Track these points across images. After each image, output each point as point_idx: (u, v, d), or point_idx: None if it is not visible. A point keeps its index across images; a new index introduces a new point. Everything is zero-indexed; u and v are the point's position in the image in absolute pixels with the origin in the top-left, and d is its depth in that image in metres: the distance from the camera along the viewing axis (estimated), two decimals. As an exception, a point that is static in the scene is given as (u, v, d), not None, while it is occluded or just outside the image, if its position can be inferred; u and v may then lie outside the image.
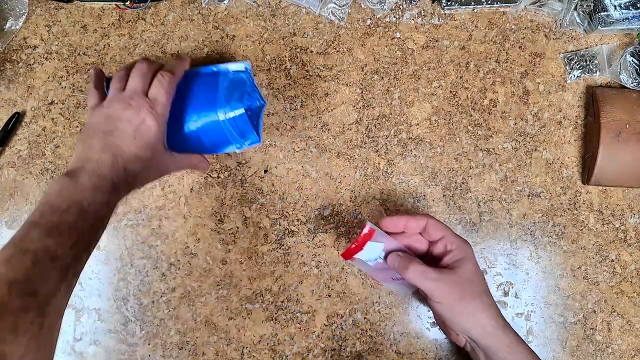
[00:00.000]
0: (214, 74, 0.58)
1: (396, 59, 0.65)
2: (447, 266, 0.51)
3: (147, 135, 0.50)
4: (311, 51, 0.65)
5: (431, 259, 0.54)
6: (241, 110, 0.55)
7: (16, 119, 0.64)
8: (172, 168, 0.55)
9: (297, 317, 0.63)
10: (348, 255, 0.53)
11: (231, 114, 0.55)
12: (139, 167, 0.49)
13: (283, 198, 0.64)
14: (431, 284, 0.49)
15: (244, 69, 0.59)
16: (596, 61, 0.63)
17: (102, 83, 0.55)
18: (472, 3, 0.63)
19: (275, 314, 0.63)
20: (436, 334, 0.62)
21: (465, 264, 0.50)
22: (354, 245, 0.52)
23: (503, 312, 0.62)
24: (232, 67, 0.59)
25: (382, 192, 0.64)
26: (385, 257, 0.53)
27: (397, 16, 0.65)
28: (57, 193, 0.45)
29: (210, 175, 0.64)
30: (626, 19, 0.61)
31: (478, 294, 0.50)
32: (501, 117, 0.64)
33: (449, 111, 0.64)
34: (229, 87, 0.57)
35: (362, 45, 0.65)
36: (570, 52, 0.64)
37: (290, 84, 0.65)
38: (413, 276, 0.49)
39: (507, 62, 0.65)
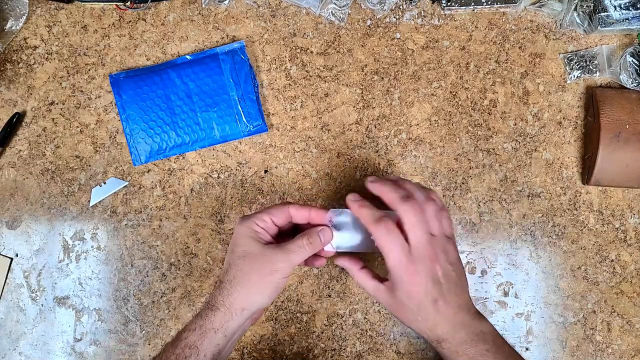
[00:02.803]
0: (214, 57, 0.63)
1: (396, 59, 0.65)
2: (386, 280, 0.50)
3: (232, 239, 0.51)
4: (311, 52, 0.65)
5: None
6: (250, 91, 0.63)
7: (17, 119, 0.64)
8: (277, 258, 0.49)
9: (297, 317, 0.63)
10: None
11: (239, 95, 0.62)
12: (234, 273, 0.49)
13: (283, 198, 0.64)
14: (370, 292, 0.51)
15: (239, 48, 0.64)
16: (596, 61, 0.64)
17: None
18: (472, 3, 0.63)
19: (275, 314, 0.63)
20: (436, 334, 0.62)
21: (396, 290, 0.48)
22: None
23: (503, 312, 0.63)
24: (227, 47, 0.64)
25: (382, 193, 0.64)
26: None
27: (397, 17, 0.65)
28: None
29: (211, 176, 0.64)
30: (626, 19, 0.61)
31: (409, 321, 0.49)
32: (501, 118, 0.64)
33: (449, 111, 0.64)
34: (231, 69, 0.62)
35: (362, 46, 0.65)
36: (570, 52, 0.65)
37: (290, 84, 0.65)
38: (359, 281, 0.52)
39: (507, 63, 0.65)
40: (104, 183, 0.64)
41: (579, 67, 0.64)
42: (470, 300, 0.50)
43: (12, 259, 0.64)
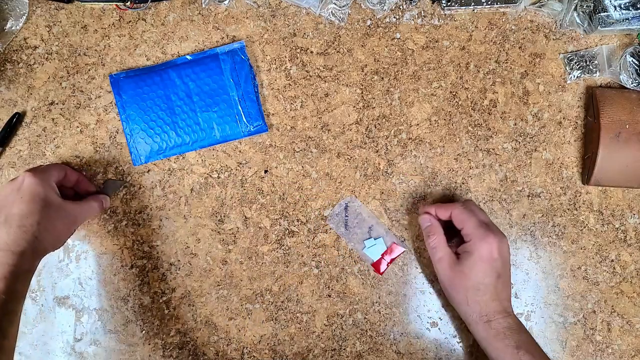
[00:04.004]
0: (214, 57, 0.63)
1: (396, 59, 0.65)
2: (457, 253, 0.56)
3: (30, 189, 0.53)
4: (311, 52, 0.65)
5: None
6: (250, 91, 0.63)
7: (17, 119, 0.64)
8: (75, 215, 0.56)
9: (297, 317, 0.63)
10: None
11: (240, 95, 0.62)
12: (32, 221, 0.51)
13: (283, 198, 0.64)
14: (436, 259, 0.57)
15: (240, 48, 0.63)
16: (596, 61, 0.64)
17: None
18: (472, 3, 0.63)
19: (275, 314, 0.63)
20: (436, 333, 0.62)
21: (467, 258, 0.54)
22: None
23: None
24: (227, 47, 0.64)
25: (382, 193, 0.64)
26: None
27: (397, 17, 0.65)
28: None
29: (211, 176, 0.64)
30: (626, 19, 0.61)
31: (464, 289, 0.54)
32: (501, 118, 0.64)
33: (449, 111, 0.64)
34: (231, 69, 0.62)
35: (362, 46, 0.65)
36: (570, 52, 0.65)
37: (290, 84, 0.65)
38: (429, 244, 0.57)
39: (507, 63, 0.65)
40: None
41: (579, 67, 0.64)
42: None
43: (12, 259, 0.64)
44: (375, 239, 0.62)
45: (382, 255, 0.62)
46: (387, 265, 0.62)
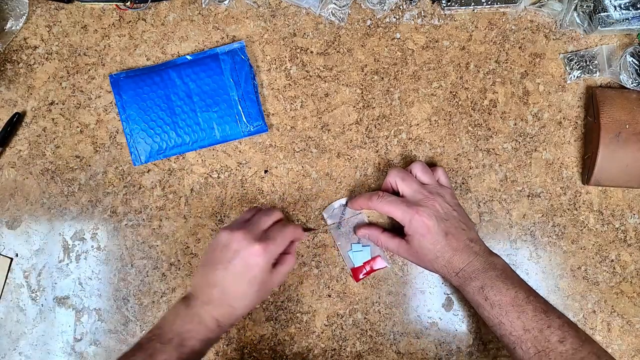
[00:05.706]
0: (214, 57, 0.63)
1: (396, 59, 0.65)
2: (405, 237, 0.58)
3: (253, 272, 0.52)
4: (311, 52, 0.65)
5: None
6: (250, 91, 0.63)
7: (17, 119, 0.64)
8: (274, 286, 0.56)
9: (297, 317, 0.63)
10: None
11: (240, 95, 0.62)
12: (245, 302, 0.53)
13: (283, 198, 0.64)
14: (394, 250, 0.59)
15: (240, 48, 0.64)
16: (596, 61, 0.64)
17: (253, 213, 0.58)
18: (472, 3, 0.63)
19: (275, 314, 0.63)
20: (436, 333, 0.62)
21: (412, 240, 0.56)
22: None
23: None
24: (227, 47, 0.64)
25: (382, 193, 0.64)
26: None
27: (397, 17, 0.65)
28: (171, 319, 0.52)
29: (211, 176, 0.64)
30: (626, 19, 0.61)
31: (427, 262, 0.57)
32: (501, 118, 0.64)
33: (449, 111, 0.64)
34: (231, 69, 0.62)
35: (362, 46, 0.65)
36: (570, 52, 0.65)
37: (290, 84, 0.65)
38: (383, 243, 0.60)
39: (507, 63, 0.65)
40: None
41: (579, 67, 0.64)
42: (480, 238, 0.57)
43: (12, 259, 0.64)
44: (363, 246, 0.62)
45: (364, 263, 0.62)
46: (366, 275, 0.62)
